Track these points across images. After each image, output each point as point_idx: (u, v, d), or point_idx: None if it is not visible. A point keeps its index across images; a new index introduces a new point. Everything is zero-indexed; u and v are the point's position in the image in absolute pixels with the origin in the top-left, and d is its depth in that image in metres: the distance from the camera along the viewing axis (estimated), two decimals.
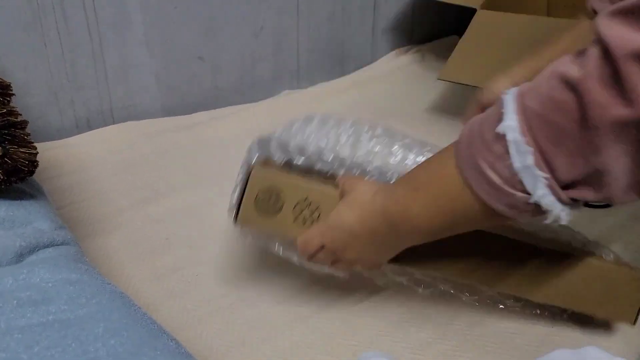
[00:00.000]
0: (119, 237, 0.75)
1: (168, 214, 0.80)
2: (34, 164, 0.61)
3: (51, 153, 0.91)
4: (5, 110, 0.59)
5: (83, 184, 0.86)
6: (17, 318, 0.45)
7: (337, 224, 0.52)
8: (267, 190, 0.52)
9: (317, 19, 1.23)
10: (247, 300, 0.65)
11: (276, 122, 1.09)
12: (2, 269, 0.51)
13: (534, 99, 0.40)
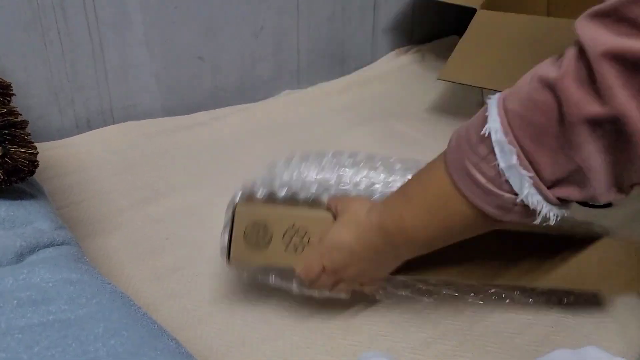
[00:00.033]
0: (119, 237, 0.75)
1: (168, 214, 0.80)
2: (34, 163, 0.61)
3: (51, 153, 0.91)
4: (5, 110, 0.59)
5: (83, 183, 0.86)
6: (18, 318, 0.45)
7: (336, 244, 0.53)
8: (254, 225, 0.52)
9: (317, 19, 1.23)
10: (247, 300, 0.65)
11: (276, 122, 1.10)
12: (2, 269, 0.51)
13: (515, 100, 0.42)
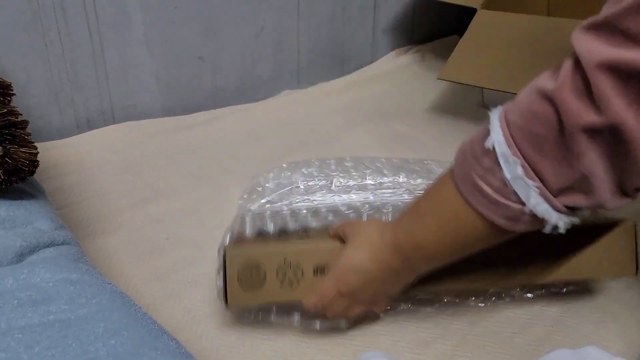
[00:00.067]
0: (119, 237, 0.75)
1: (168, 214, 0.80)
2: (34, 163, 0.61)
3: (51, 153, 0.91)
4: (5, 110, 0.59)
5: (83, 183, 0.86)
6: (18, 318, 0.45)
7: (351, 267, 0.53)
8: (246, 267, 0.53)
9: (317, 19, 1.23)
10: None
11: (276, 122, 1.10)
12: (2, 269, 0.51)
13: (516, 113, 0.43)
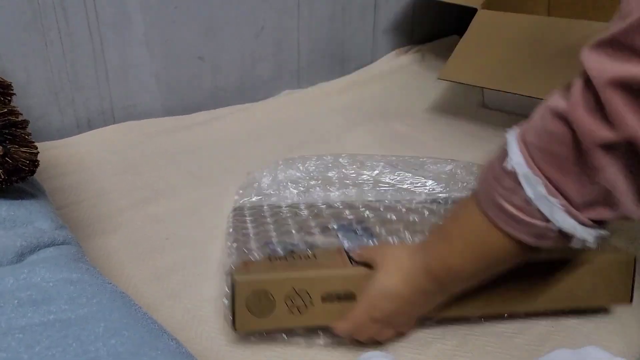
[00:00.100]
0: (119, 237, 0.75)
1: (168, 213, 0.80)
2: (34, 163, 0.61)
3: (52, 153, 0.91)
4: (6, 110, 0.59)
5: (83, 183, 0.86)
6: (18, 318, 0.45)
7: (383, 293, 0.53)
8: (255, 295, 0.53)
9: (317, 19, 1.23)
10: None
11: (276, 122, 1.10)
12: (2, 269, 0.51)
13: (532, 134, 0.44)
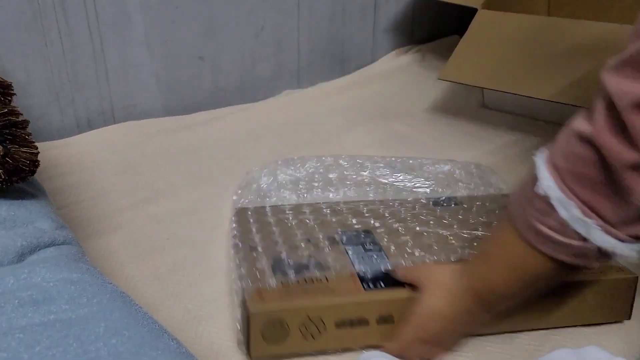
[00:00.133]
0: (119, 237, 0.75)
1: (168, 214, 0.80)
2: (35, 163, 0.61)
3: (52, 153, 0.91)
4: (6, 110, 0.59)
5: (84, 183, 0.86)
6: (19, 318, 0.45)
7: (430, 315, 0.54)
8: (270, 323, 0.54)
9: (317, 19, 1.23)
10: None
11: (276, 122, 1.10)
12: (3, 269, 0.51)
13: (560, 157, 0.44)
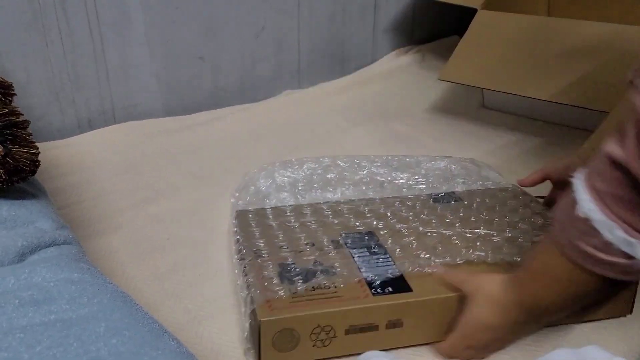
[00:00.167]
0: (120, 237, 0.75)
1: (169, 214, 0.80)
2: (35, 163, 0.61)
3: (52, 153, 0.91)
4: (7, 110, 0.59)
5: (84, 183, 0.86)
6: (19, 317, 0.45)
7: (480, 326, 0.55)
8: (281, 333, 0.55)
9: (317, 19, 1.23)
10: None
11: (276, 122, 1.10)
12: (4, 269, 0.51)
13: (598, 179, 0.45)
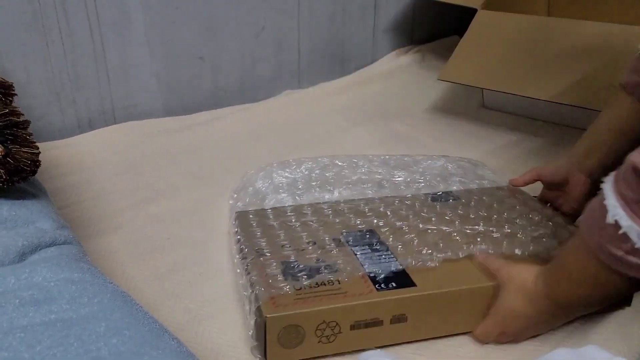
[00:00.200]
0: (120, 237, 0.75)
1: (169, 213, 0.80)
2: (36, 163, 0.61)
3: (53, 153, 0.91)
4: (7, 110, 0.59)
5: (84, 183, 0.86)
6: (20, 317, 0.45)
7: (512, 313, 0.58)
8: (286, 329, 0.55)
9: (317, 19, 1.23)
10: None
11: (276, 122, 1.10)
12: (4, 269, 0.51)
13: (625, 186, 0.46)
